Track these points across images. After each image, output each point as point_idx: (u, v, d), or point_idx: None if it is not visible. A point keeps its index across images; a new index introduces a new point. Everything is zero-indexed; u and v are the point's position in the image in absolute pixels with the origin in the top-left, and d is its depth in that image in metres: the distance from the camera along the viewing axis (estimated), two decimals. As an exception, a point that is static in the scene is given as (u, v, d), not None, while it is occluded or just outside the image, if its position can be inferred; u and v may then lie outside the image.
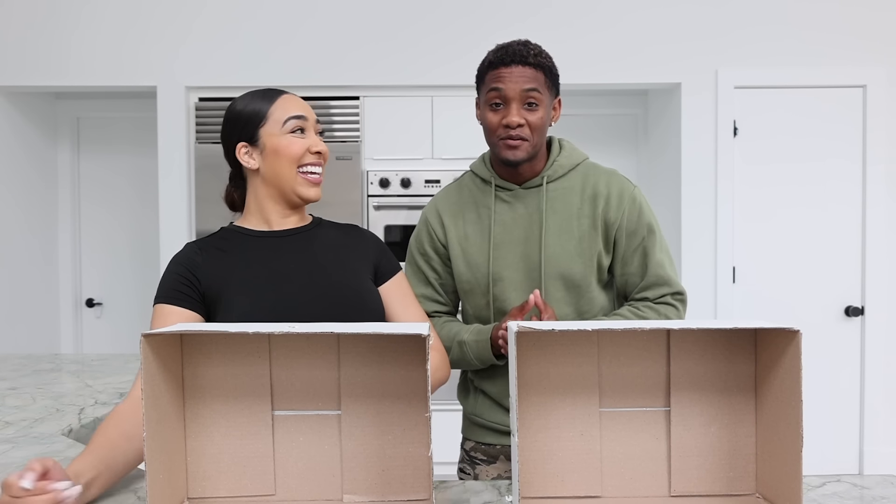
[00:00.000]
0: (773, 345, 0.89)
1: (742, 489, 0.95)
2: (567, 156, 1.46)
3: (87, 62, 3.38)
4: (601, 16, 3.36)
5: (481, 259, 1.45)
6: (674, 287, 1.43)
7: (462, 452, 1.59)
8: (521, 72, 1.34)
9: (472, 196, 1.49)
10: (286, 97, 1.26)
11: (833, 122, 3.35)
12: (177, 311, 1.18)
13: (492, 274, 1.43)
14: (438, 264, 1.51)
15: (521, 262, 1.43)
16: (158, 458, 0.86)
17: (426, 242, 1.52)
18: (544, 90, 1.36)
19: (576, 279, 1.41)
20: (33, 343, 3.75)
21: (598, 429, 0.95)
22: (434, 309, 1.53)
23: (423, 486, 0.94)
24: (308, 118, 1.25)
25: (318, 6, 3.39)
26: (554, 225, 1.41)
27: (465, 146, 3.39)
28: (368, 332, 0.84)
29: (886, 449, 3.37)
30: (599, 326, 0.85)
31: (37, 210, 3.81)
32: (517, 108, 1.34)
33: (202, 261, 1.22)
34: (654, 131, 3.83)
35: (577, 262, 1.40)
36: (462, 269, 1.47)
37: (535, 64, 1.35)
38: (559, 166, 1.44)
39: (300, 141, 1.24)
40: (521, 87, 1.34)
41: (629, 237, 1.42)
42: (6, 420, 1.50)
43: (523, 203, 1.44)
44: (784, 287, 3.38)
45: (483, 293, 1.46)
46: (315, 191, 1.26)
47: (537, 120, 1.35)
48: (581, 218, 1.41)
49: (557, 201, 1.42)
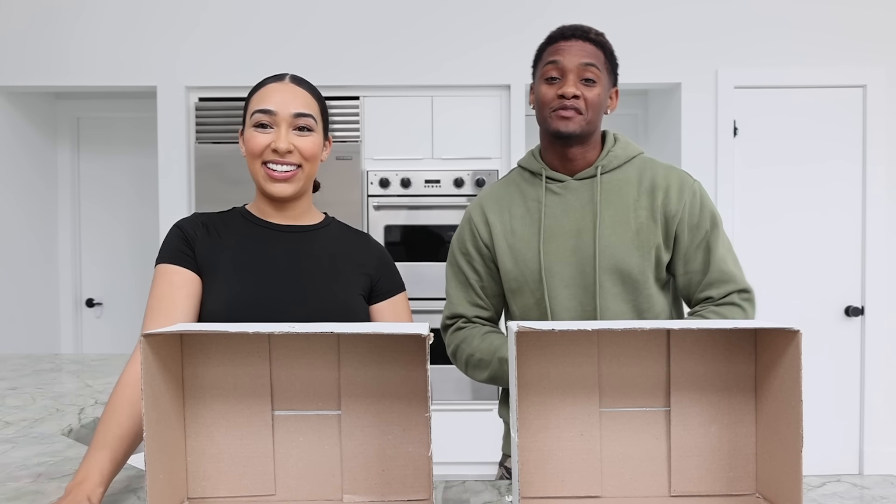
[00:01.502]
0: (773, 345, 0.89)
1: (742, 489, 0.95)
2: (623, 147, 1.39)
3: (86, 62, 3.38)
4: (601, 16, 3.36)
5: (530, 254, 1.36)
6: (739, 284, 1.34)
7: (501, 470, 1.49)
8: (580, 46, 1.30)
9: (521, 190, 1.41)
10: (270, 87, 1.20)
11: (833, 122, 3.35)
12: (180, 270, 1.16)
13: (543, 268, 1.34)
14: (481, 265, 1.43)
15: (573, 255, 1.34)
16: (158, 458, 0.86)
17: (468, 241, 1.43)
18: (603, 70, 1.32)
19: (633, 273, 1.32)
20: (33, 343, 3.75)
21: (598, 429, 0.95)
22: (475, 314, 1.44)
23: (423, 486, 0.94)
24: (278, 113, 1.17)
25: (318, 6, 3.38)
26: (609, 217, 1.33)
27: (466, 146, 3.39)
28: (368, 332, 0.84)
29: (886, 449, 3.36)
30: (599, 326, 0.85)
31: (37, 210, 3.81)
32: (574, 80, 1.29)
33: (200, 236, 1.21)
34: (654, 131, 3.83)
35: (634, 255, 1.32)
36: (509, 267, 1.38)
37: (595, 42, 1.31)
38: (614, 157, 1.37)
39: (261, 136, 1.18)
40: (579, 61, 1.29)
41: (692, 231, 1.34)
42: (6, 420, 1.49)
43: (576, 195, 1.36)
44: (784, 287, 3.38)
45: (532, 291, 1.37)
46: (279, 187, 1.19)
47: (594, 96, 1.30)
48: (638, 210, 1.34)
49: (612, 193, 1.35)
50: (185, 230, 1.21)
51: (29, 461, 1.20)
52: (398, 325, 0.88)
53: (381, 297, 1.27)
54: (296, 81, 1.22)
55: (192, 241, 1.20)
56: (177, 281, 1.16)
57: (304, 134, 1.19)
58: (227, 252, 1.20)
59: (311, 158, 1.21)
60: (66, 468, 1.16)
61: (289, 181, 1.19)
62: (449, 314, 1.47)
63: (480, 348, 1.38)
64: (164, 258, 1.18)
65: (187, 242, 1.20)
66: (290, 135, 1.18)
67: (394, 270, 1.31)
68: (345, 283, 1.23)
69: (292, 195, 1.21)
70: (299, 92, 1.21)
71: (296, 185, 1.20)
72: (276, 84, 1.21)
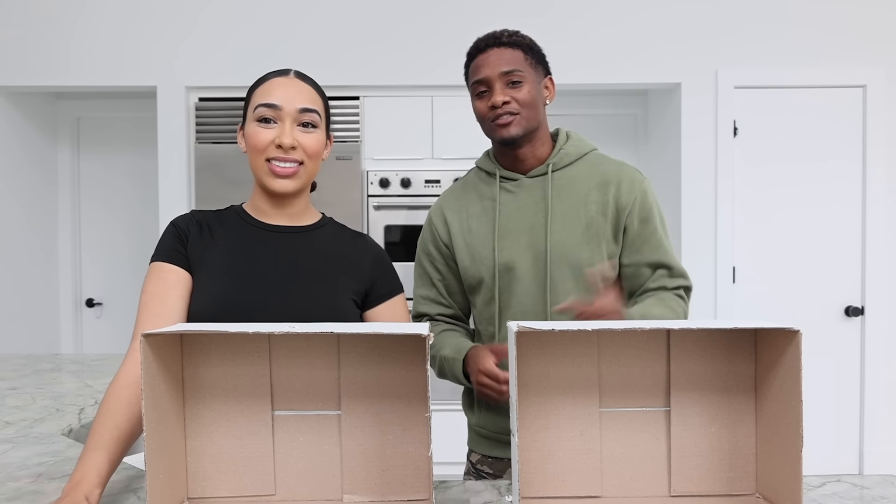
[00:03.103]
0: (773, 345, 0.89)
1: (742, 489, 0.95)
2: (574, 145, 1.43)
3: (87, 62, 3.38)
4: (601, 16, 3.36)
5: (486, 251, 1.41)
6: (688, 280, 1.41)
7: (468, 465, 1.55)
8: (497, 54, 1.34)
9: (477, 190, 1.46)
10: (274, 81, 1.19)
11: (833, 122, 3.35)
12: (174, 269, 1.16)
13: (497, 264, 1.39)
14: (442, 264, 1.48)
15: (528, 250, 1.38)
16: (158, 458, 0.85)
17: (430, 242, 1.49)
18: (526, 68, 1.34)
19: (583, 266, 1.36)
20: (33, 343, 3.75)
21: (598, 429, 0.95)
22: (437, 311, 1.50)
23: (423, 486, 0.94)
24: (283, 107, 1.15)
25: (318, 6, 3.39)
26: (560, 212, 1.38)
27: (465, 146, 3.39)
28: (368, 332, 0.84)
29: (886, 449, 3.36)
30: (599, 326, 0.85)
31: (37, 210, 3.81)
32: (501, 88, 1.33)
33: (192, 233, 1.20)
34: (654, 131, 3.83)
35: (585, 249, 1.36)
36: (467, 264, 1.43)
37: (509, 43, 1.34)
38: (565, 154, 1.41)
39: (265, 132, 1.16)
40: (499, 69, 1.33)
41: (641, 223, 1.38)
42: (6, 420, 1.49)
43: (528, 192, 1.40)
44: (784, 287, 3.38)
45: (488, 287, 1.42)
46: (283, 183, 1.17)
47: (524, 95, 1.33)
48: (588, 204, 1.38)
49: (564, 189, 1.39)
50: (180, 227, 1.21)
51: (29, 461, 1.20)
52: (398, 325, 0.88)
53: (379, 300, 1.25)
54: (300, 77, 1.21)
55: (185, 239, 1.20)
56: (170, 279, 1.15)
57: (309, 130, 1.18)
58: (216, 251, 1.19)
59: (315, 156, 1.19)
60: (66, 468, 1.16)
61: (291, 178, 1.17)
62: (414, 314, 1.53)
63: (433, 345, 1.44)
64: (158, 255, 1.18)
65: (181, 240, 1.19)
66: (295, 131, 1.17)
67: (391, 272, 1.29)
68: (333, 285, 1.20)
69: (294, 192, 1.19)
70: (304, 87, 1.19)
71: (298, 181, 1.19)
72: (280, 79, 1.19)
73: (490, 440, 1.48)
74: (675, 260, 1.40)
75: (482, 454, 1.50)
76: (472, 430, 1.53)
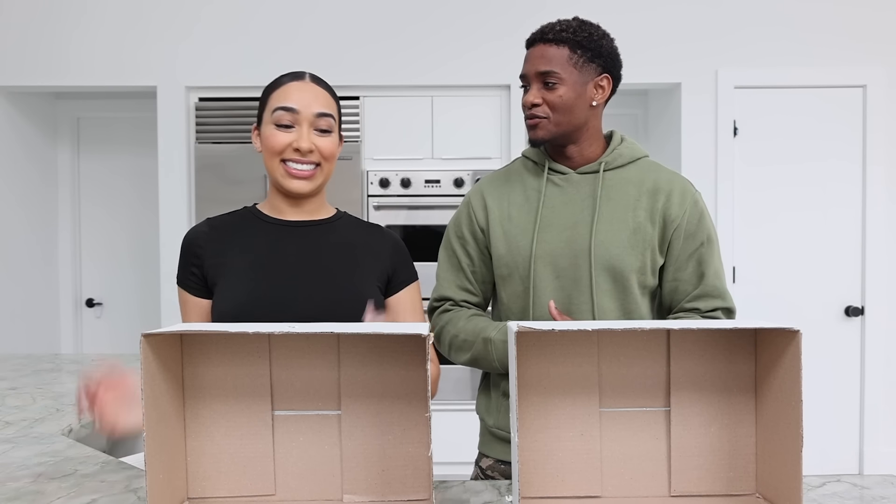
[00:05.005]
0: (773, 345, 0.89)
1: (742, 489, 0.95)
2: (629, 147, 1.39)
3: (86, 62, 3.38)
4: (601, 16, 3.36)
5: (524, 241, 1.36)
6: (727, 302, 1.34)
7: (476, 470, 1.48)
8: (539, 51, 1.31)
9: (522, 179, 1.41)
10: (291, 85, 1.21)
11: (833, 122, 3.35)
12: (189, 298, 1.24)
13: (534, 256, 1.34)
14: (474, 250, 1.42)
15: (567, 247, 1.33)
16: (158, 458, 0.86)
17: (464, 225, 1.43)
18: (568, 68, 1.29)
19: (624, 272, 1.31)
20: (33, 343, 3.75)
21: (598, 429, 0.95)
22: (462, 298, 1.44)
23: (423, 486, 0.94)
24: (300, 112, 1.19)
25: (318, 6, 3.38)
26: (607, 212, 1.33)
27: (466, 146, 3.39)
28: (368, 332, 0.84)
29: (886, 449, 3.36)
30: (599, 326, 0.85)
31: (37, 210, 3.81)
32: (536, 88, 1.31)
33: (205, 242, 1.24)
34: (654, 131, 3.83)
35: (628, 254, 1.31)
36: (502, 252, 1.38)
37: (556, 40, 1.29)
38: (619, 155, 1.37)
39: (282, 135, 1.19)
40: (536, 69, 1.30)
41: (687, 239, 1.33)
42: (6, 420, 1.49)
43: (577, 188, 1.36)
44: (784, 287, 3.38)
45: (522, 278, 1.36)
46: (298, 184, 1.21)
47: (555, 98, 1.29)
48: (637, 210, 1.33)
49: (614, 190, 1.34)
50: (192, 246, 1.24)
51: (29, 461, 1.20)
52: (398, 325, 0.88)
53: (399, 286, 1.30)
54: (316, 80, 1.24)
55: (199, 258, 1.23)
56: (189, 306, 1.25)
57: (325, 134, 1.22)
58: (238, 254, 1.22)
59: (330, 158, 1.23)
60: (66, 468, 1.16)
61: (308, 179, 1.21)
62: (437, 296, 1.47)
63: (465, 329, 1.38)
64: (178, 278, 1.26)
65: (194, 261, 1.23)
66: (311, 134, 1.20)
67: (409, 260, 1.33)
68: (359, 273, 1.25)
69: (310, 192, 1.23)
70: (320, 92, 1.23)
71: (314, 182, 1.23)
72: (296, 83, 1.22)
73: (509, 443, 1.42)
74: (716, 280, 1.34)
75: (496, 458, 1.44)
76: (488, 433, 1.47)
